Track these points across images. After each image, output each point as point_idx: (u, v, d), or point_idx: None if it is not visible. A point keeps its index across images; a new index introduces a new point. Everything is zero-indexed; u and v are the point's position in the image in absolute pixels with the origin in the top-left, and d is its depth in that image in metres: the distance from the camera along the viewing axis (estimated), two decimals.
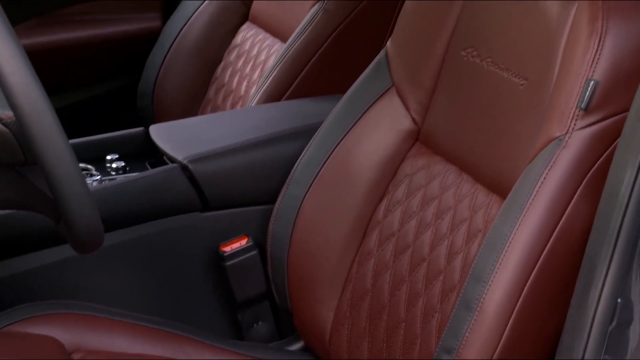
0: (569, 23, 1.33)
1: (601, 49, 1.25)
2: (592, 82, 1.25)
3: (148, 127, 1.87)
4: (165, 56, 2.28)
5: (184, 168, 1.69)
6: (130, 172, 1.83)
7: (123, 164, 1.83)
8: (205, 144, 1.75)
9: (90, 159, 1.84)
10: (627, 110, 1.18)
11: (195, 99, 2.29)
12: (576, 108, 1.26)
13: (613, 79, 1.25)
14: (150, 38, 2.40)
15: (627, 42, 1.25)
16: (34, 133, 1.10)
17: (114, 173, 1.82)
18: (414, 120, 1.61)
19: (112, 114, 2.49)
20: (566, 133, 1.27)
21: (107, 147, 1.88)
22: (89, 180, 1.76)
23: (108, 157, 1.83)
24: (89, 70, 2.45)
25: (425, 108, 1.60)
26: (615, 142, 1.22)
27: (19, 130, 1.15)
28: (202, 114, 2.27)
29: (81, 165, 1.81)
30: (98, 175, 1.78)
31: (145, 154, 1.89)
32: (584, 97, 1.25)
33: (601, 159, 1.25)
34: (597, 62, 1.25)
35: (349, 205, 1.62)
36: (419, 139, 1.61)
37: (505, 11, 1.46)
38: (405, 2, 1.66)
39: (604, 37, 1.26)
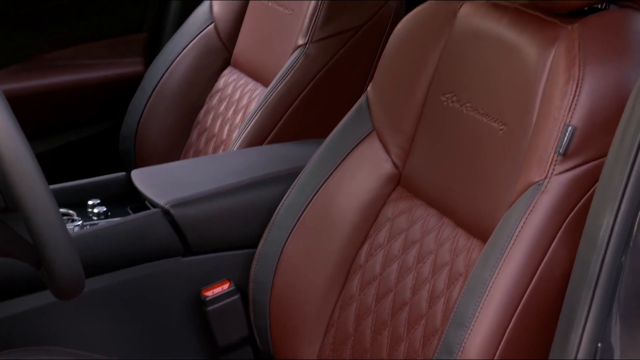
0: (546, 69, 1.35)
1: (578, 95, 1.27)
2: (570, 128, 1.26)
3: (130, 171, 1.87)
4: (148, 100, 2.29)
5: (165, 213, 1.69)
6: (112, 217, 1.83)
7: (105, 209, 1.82)
8: (188, 188, 1.75)
9: (72, 204, 1.84)
10: (604, 155, 1.19)
11: (177, 143, 2.29)
12: (555, 153, 1.28)
13: (590, 124, 1.26)
14: (133, 82, 2.41)
15: (603, 88, 1.27)
16: (13, 179, 1.10)
17: (95, 218, 1.82)
18: (394, 164, 1.62)
19: (94, 159, 2.49)
20: (545, 178, 1.28)
21: (88, 192, 1.88)
22: (70, 226, 1.76)
23: (90, 202, 1.83)
24: (71, 115, 2.46)
25: (406, 152, 1.61)
26: (594, 187, 1.23)
27: None
28: (184, 158, 2.27)
29: (62, 210, 1.80)
30: (79, 221, 1.78)
31: (127, 198, 1.89)
32: (562, 143, 1.27)
33: (580, 203, 1.26)
34: (574, 108, 1.27)
35: (330, 249, 1.62)
36: (400, 182, 1.62)
37: (483, 57, 1.48)
38: (386, 47, 1.67)
39: (581, 83, 1.27)
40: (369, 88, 1.70)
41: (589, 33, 1.32)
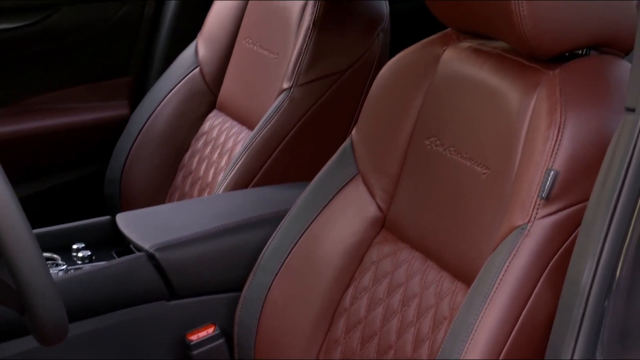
0: (528, 114, 1.36)
1: (560, 140, 1.28)
2: (552, 172, 1.27)
3: (115, 215, 1.87)
4: (133, 144, 2.29)
5: (150, 257, 1.69)
6: (96, 261, 1.82)
7: (89, 253, 1.82)
8: (172, 232, 1.75)
9: (56, 248, 1.83)
10: (586, 199, 1.20)
11: (162, 186, 2.29)
12: (537, 197, 1.28)
13: (572, 169, 1.27)
14: (118, 125, 2.41)
15: (585, 133, 1.28)
16: None
17: (80, 262, 1.81)
18: (379, 207, 1.63)
19: (79, 202, 2.49)
20: (528, 222, 1.29)
21: (73, 236, 1.88)
22: (54, 270, 1.75)
23: (74, 246, 1.82)
24: (56, 158, 2.46)
25: (390, 195, 1.62)
26: (576, 231, 1.24)
27: None
28: (169, 201, 2.27)
29: (47, 254, 1.80)
30: (64, 265, 1.77)
31: (112, 242, 1.89)
32: (544, 187, 1.28)
33: (563, 247, 1.27)
34: (556, 153, 1.28)
35: (315, 292, 1.62)
36: (384, 226, 1.63)
37: (466, 101, 1.49)
38: (370, 91, 1.69)
39: (563, 128, 1.28)
40: (353, 131, 1.71)
41: (570, 79, 1.34)
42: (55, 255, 1.81)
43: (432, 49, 1.59)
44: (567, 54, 1.39)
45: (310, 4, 2.08)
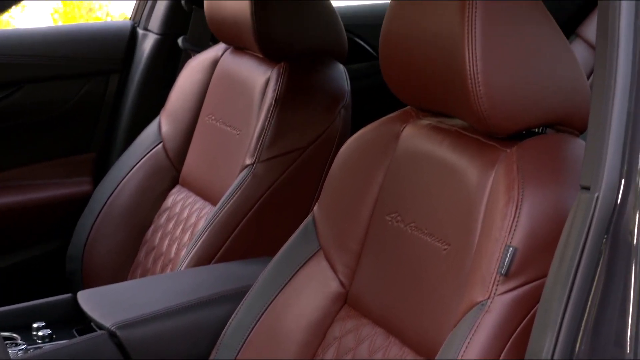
0: (487, 191, 1.38)
1: (518, 217, 1.30)
2: (510, 249, 1.29)
3: (76, 292, 1.86)
4: (95, 220, 2.29)
5: (112, 335, 1.68)
6: (57, 340, 1.80)
7: (50, 332, 1.80)
8: (134, 309, 1.74)
9: (16, 327, 1.81)
10: (545, 276, 1.21)
11: (125, 262, 2.28)
12: (497, 273, 1.30)
13: (531, 245, 1.29)
14: (80, 202, 2.41)
15: (542, 209, 1.30)
16: None
17: (40, 342, 1.79)
18: (341, 283, 1.63)
19: (40, 281, 2.47)
20: (488, 298, 1.30)
21: (33, 315, 1.86)
22: (13, 350, 1.73)
23: (34, 325, 1.80)
24: (16, 236, 2.44)
25: (352, 271, 1.62)
26: (536, 307, 1.25)
27: None
28: (132, 277, 2.26)
29: (5, 334, 1.78)
30: (23, 345, 1.75)
31: (73, 321, 1.87)
32: (503, 263, 1.29)
33: (523, 323, 1.28)
34: (515, 229, 1.29)
35: None
36: (347, 301, 1.63)
37: (426, 178, 1.51)
38: (331, 167, 1.70)
39: (521, 205, 1.30)
40: (315, 207, 1.72)
41: (527, 156, 1.36)
42: (14, 335, 1.79)
43: (392, 126, 1.61)
44: (523, 132, 1.42)
45: (273, 81, 2.11)
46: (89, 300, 1.81)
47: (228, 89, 2.25)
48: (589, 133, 1.18)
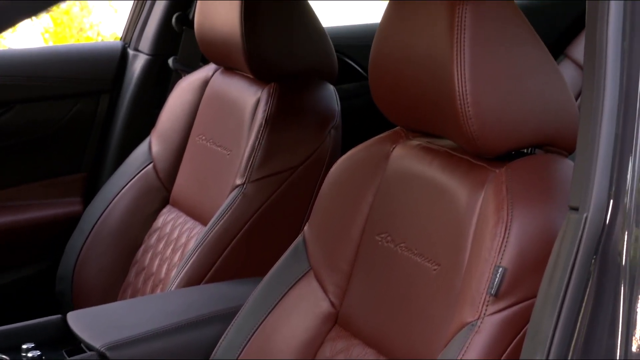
0: (476, 211, 1.39)
1: (508, 237, 1.30)
2: (500, 269, 1.29)
3: (66, 313, 1.85)
4: (85, 240, 2.29)
5: (102, 356, 1.67)
6: None
7: (39, 353, 1.79)
8: (125, 330, 1.74)
9: (5, 348, 1.80)
10: (534, 296, 1.21)
11: (115, 282, 2.28)
12: (487, 294, 1.30)
13: (520, 265, 1.29)
14: (71, 222, 2.41)
15: (531, 230, 1.31)
16: None
17: None
18: (332, 303, 1.63)
19: (29, 301, 2.46)
20: (478, 318, 1.30)
21: (23, 336, 1.85)
22: None
23: (24, 347, 1.79)
24: (6, 257, 2.43)
25: (343, 291, 1.62)
26: (526, 327, 1.25)
27: None
28: (122, 297, 2.26)
29: None
30: None
31: (63, 341, 1.86)
32: (493, 284, 1.29)
33: (513, 344, 1.28)
34: (504, 250, 1.30)
35: None
36: (337, 321, 1.63)
37: (416, 198, 1.51)
38: (322, 188, 1.71)
39: (510, 225, 1.31)
40: (305, 227, 1.72)
41: (516, 177, 1.37)
42: (4, 356, 1.78)
43: (382, 147, 1.61)
44: (513, 153, 1.43)
45: (263, 101, 2.12)
46: (78, 321, 1.81)
47: (218, 109, 2.25)
48: (577, 154, 1.18)
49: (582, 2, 1.20)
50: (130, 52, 2.66)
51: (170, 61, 2.59)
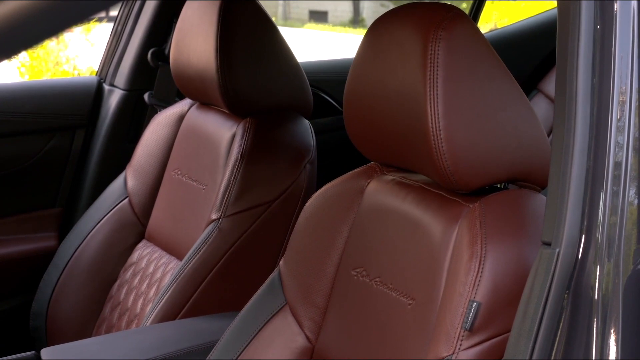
0: (450, 246, 1.40)
1: (482, 272, 1.31)
2: (474, 304, 1.30)
3: (40, 349, 1.84)
4: (60, 275, 2.28)
5: None
6: None
7: None
8: None
9: None
10: (509, 330, 1.22)
11: (90, 318, 2.27)
12: (461, 328, 1.31)
13: (494, 300, 1.30)
14: (45, 257, 2.40)
15: (505, 264, 1.32)
16: None
17: None
18: (308, 338, 1.63)
19: (3, 337, 2.44)
20: (453, 353, 1.30)
21: None
22: None
23: None
24: None
25: (318, 326, 1.63)
26: None
27: None
28: (97, 333, 2.25)
29: None
30: None
31: None
32: (467, 318, 1.30)
33: None
34: (478, 284, 1.31)
35: None
36: (313, 356, 1.63)
37: (390, 233, 1.52)
38: (297, 222, 1.71)
39: (484, 260, 1.32)
40: (281, 262, 1.72)
41: (489, 211, 1.38)
42: None
43: (357, 182, 1.62)
44: (486, 188, 1.44)
45: (238, 136, 2.12)
46: (53, 357, 1.80)
47: (194, 144, 2.26)
48: (549, 189, 1.20)
49: (554, 38, 1.22)
50: (106, 87, 2.66)
51: (145, 96, 2.60)
